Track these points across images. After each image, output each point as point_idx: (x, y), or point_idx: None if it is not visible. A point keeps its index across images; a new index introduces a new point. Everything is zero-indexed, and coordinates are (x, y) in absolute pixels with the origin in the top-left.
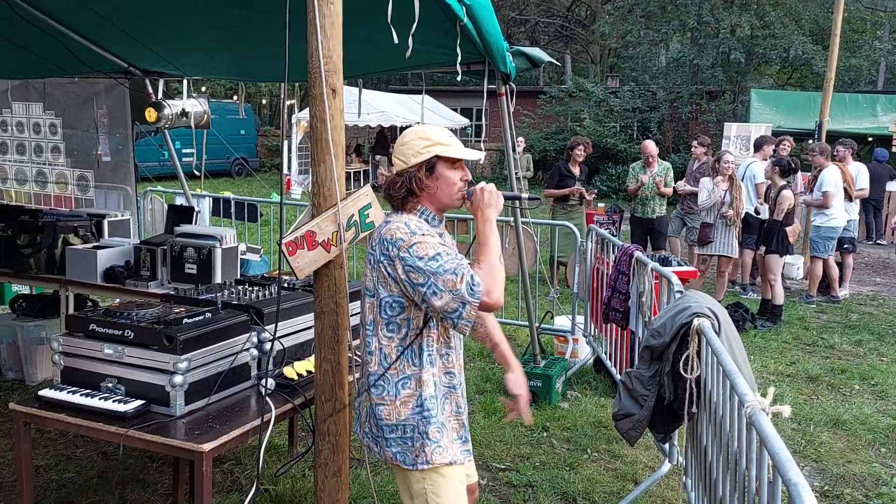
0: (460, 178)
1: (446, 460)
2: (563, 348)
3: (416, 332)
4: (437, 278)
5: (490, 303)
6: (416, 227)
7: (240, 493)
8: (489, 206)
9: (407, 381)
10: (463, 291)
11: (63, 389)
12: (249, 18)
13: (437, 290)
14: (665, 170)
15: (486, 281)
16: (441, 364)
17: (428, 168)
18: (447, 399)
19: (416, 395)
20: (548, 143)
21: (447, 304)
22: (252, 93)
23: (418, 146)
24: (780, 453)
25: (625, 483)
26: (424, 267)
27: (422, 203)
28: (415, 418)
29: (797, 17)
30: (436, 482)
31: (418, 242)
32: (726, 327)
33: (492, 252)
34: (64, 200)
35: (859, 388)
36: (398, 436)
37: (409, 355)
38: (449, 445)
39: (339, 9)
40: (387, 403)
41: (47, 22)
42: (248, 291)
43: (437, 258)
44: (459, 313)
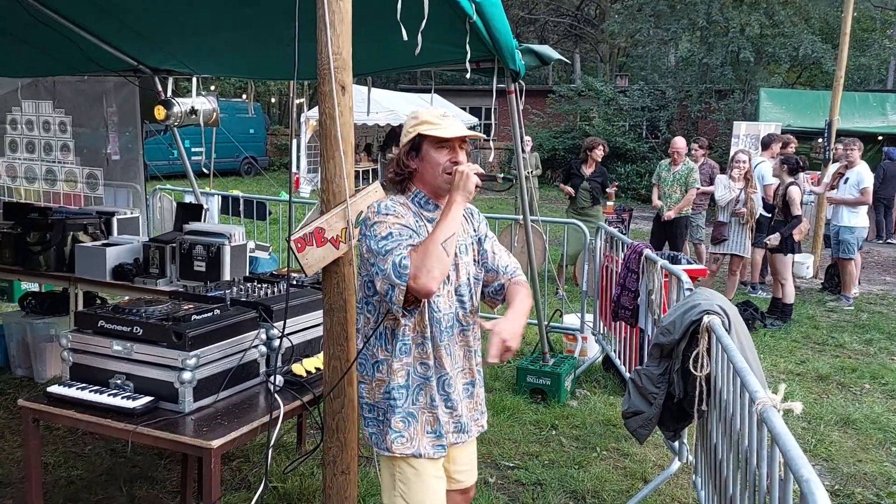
0: (448, 159)
1: (408, 451)
2: (573, 346)
3: (382, 316)
4: (379, 258)
5: (416, 287)
6: (386, 207)
7: (248, 491)
8: (455, 189)
9: (379, 364)
10: (390, 272)
11: (72, 386)
12: (259, 16)
13: (377, 270)
14: (688, 170)
15: (415, 264)
16: (416, 354)
17: (413, 148)
18: (421, 390)
19: (386, 382)
20: (557, 142)
21: (381, 284)
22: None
23: (407, 126)
24: (791, 450)
25: (634, 481)
26: (375, 246)
27: (415, 185)
28: (384, 403)
29: (807, 15)
30: (404, 471)
31: (379, 222)
32: (736, 325)
33: (435, 237)
34: (73, 198)
35: (870, 388)
36: (373, 417)
37: (381, 339)
38: (415, 437)
39: (348, 5)
40: (366, 382)
41: (57, 20)
42: (256, 288)
43: (387, 238)
44: (390, 296)
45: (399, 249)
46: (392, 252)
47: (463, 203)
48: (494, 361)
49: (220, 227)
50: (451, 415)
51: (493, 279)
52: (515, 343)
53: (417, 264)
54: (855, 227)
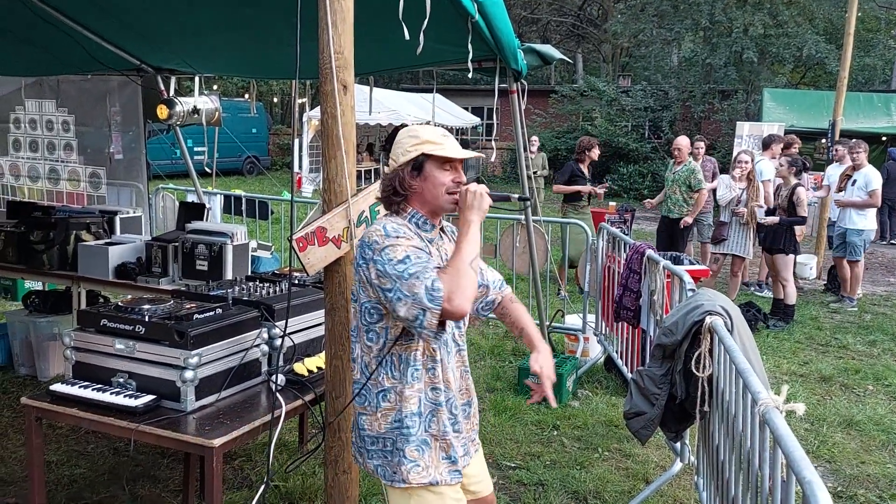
0: (451, 179)
1: (425, 481)
2: (574, 347)
3: (392, 343)
4: (401, 283)
5: (451, 310)
6: (394, 229)
7: (250, 490)
8: (470, 208)
9: (386, 393)
10: (422, 297)
11: (74, 384)
12: (261, 16)
13: (401, 295)
14: (689, 171)
15: (447, 286)
16: (427, 379)
17: (415, 167)
18: (433, 416)
19: (396, 410)
20: (559, 143)
21: (409, 310)
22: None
23: (407, 144)
24: (794, 452)
25: (636, 482)
26: (391, 271)
27: (412, 205)
28: (393, 433)
29: (811, 16)
30: (424, 499)
31: (391, 245)
32: (739, 326)
33: (462, 257)
34: (76, 197)
35: (873, 389)
36: (378, 448)
37: (387, 367)
38: (431, 465)
39: (350, 4)
40: (368, 414)
41: (61, 20)
42: (258, 288)
43: (405, 261)
44: (420, 321)
45: (427, 272)
46: (419, 276)
47: (479, 222)
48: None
49: (223, 227)
50: (458, 437)
51: (484, 294)
52: (548, 367)
53: (451, 286)
54: (863, 230)
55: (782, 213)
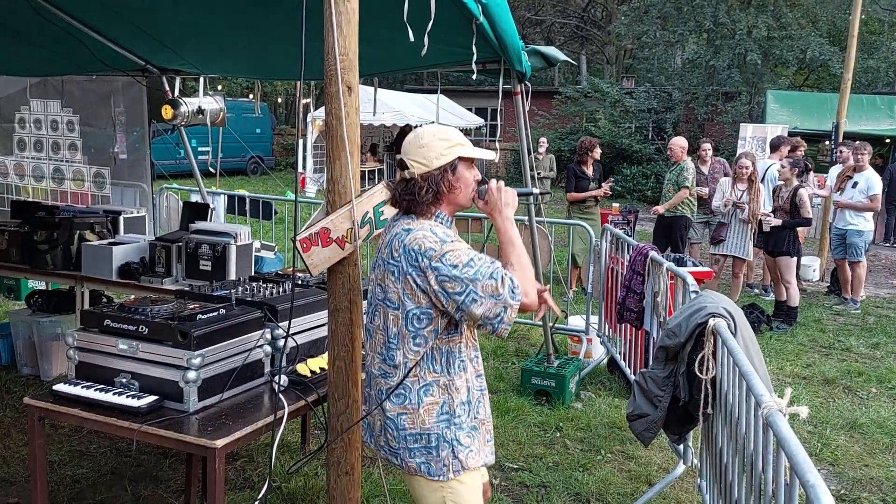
0: (473, 177)
1: (479, 463)
2: (577, 348)
3: (434, 341)
4: (475, 285)
5: (528, 303)
6: (444, 234)
7: (252, 491)
8: (507, 205)
9: (429, 388)
10: (506, 295)
11: (77, 384)
12: (266, 17)
13: (476, 296)
14: (679, 170)
15: (522, 282)
16: (472, 368)
17: (451, 169)
18: (480, 403)
19: (441, 402)
20: (562, 144)
21: (489, 309)
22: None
23: (440, 147)
24: (797, 454)
25: (638, 484)
26: (461, 275)
27: (439, 207)
28: (440, 426)
29: (814, 18)
30: (455, 489)
31: (450, 250)
32: (742, 328)
33: (521, 251)
34: (80, 197)
35: (876, 392)
36: (422, 445)
37: (428, 361)
38: (481, 448)
39: (355, 6)
40: (409, 412)
41: (66, 20)
42: (262, 288)
43: (471, 264)
44: (501, 318)
45: (500, 271)
46: (494, 275)
47: (512, 217)
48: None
49: (226, 227)
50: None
51: None
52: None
53: (524, 281)
54: (863, 231)
55: (784, 215)
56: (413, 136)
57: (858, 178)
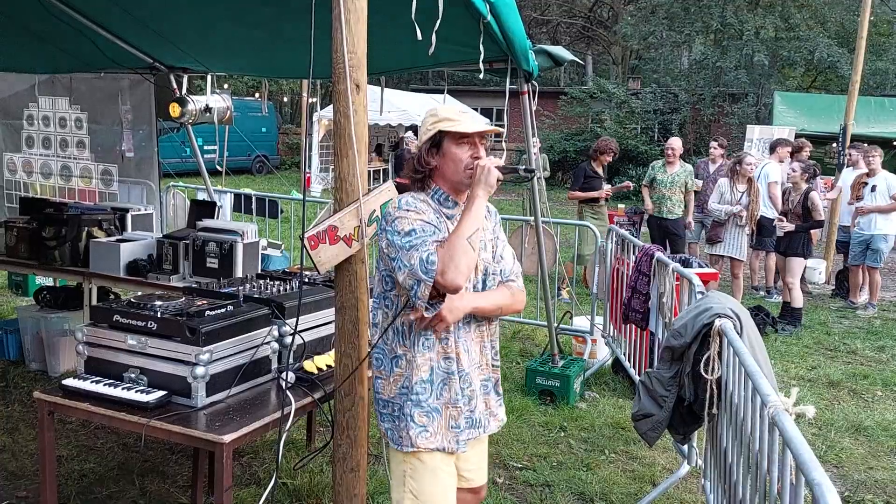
0: (469, 155)
1: (432, 446)
2: (582, 349)
3: (400, 310)
4: (402, 253)
5: (444, 283)
6: (408, 203)
7: (258, 486)
8: (477, 184)
9: (398, 360)
10: (416, 268)
11: (86, 379)
12: (274, 15)
13: (401, 265)
14: (686, 172)
15: (442, 260)
16: (440, 349)
17: (433, 145)
18: (445, 385)
19: (405, 376)
20: (568, 144)
21: (405, 279)
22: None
23: (427, 123)
24: (803, 454)
25: (642, 485)
26: (397, 241)
27: (435, 182)
28: (401, 398)
29: (822, 19)
30: (415, 467)
31: (400, 217)
32: (748, 329)
33: (460, 232)
34: (88, 194)
35: (881, 395)
36: (389, 412)
37: (399, 335)
38: (439, 432)
39: (364, 4)
40: (383, 377)
41: (75, 18)
42: (269, 285)
43: (410, 234)
44: (415, 291)
45: (425, 245)
46: (417, 248)
47: (485, 197)
48: (418, 317)
49: (233, 225)
50: (471, 409)
51: (491, 285)
52: (451, 316)
53: (445, 260)
54: (888, 235)
55: (795, 218)
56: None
57: (876, 182)
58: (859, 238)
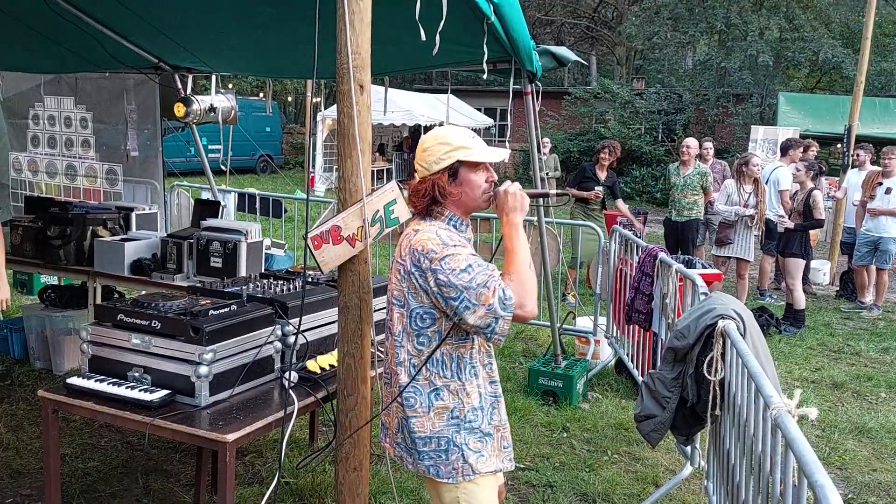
0: (485, 179)
1: (491, 468)
2: (585, 349)
3: (440, 343)
4: (469, 293)
5: (523, 315)
6: (448, 237)
7: (261, 486)
8: (514, 210)
9: (439, 392)
10: (496, 306)
11: (91, 378)
12: (279, 16)
13: (469, 304)
14: (700, 174)
15: (517, 293)
16: (485, 374)
17: (451, 174)
18: (494, 409)
19: (452, 407)
20: (572, 145)
21: (481, 318)
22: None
23: (439, 152)
24: (806, 455)
25: (645, 486)
26: (456, 281)
27: (448, 208)
28: (450, 430)
29: (827, 20)
30: (469, 492)
31: (451, 255)
32: (751, 330)
33: (521, 260)
34: (93, 193)
35: (886, 396)
36: (431, 449)
37: (437, 366)
38: (493, 455)
39: (368, 4)
40: (419, 415)
41: (81, 17)
42: (272, 285)
43: (468, 270)
44: (493, 328)
45: (494, 279)
46: (487, 284)
47: (521, 222)
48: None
49: (237, 224)
50: (505, 429)
51: None
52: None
53: (521, 293)
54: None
55: (798, 217)
56: (422, 139)
57: (892, 184)
58: (867, 238)
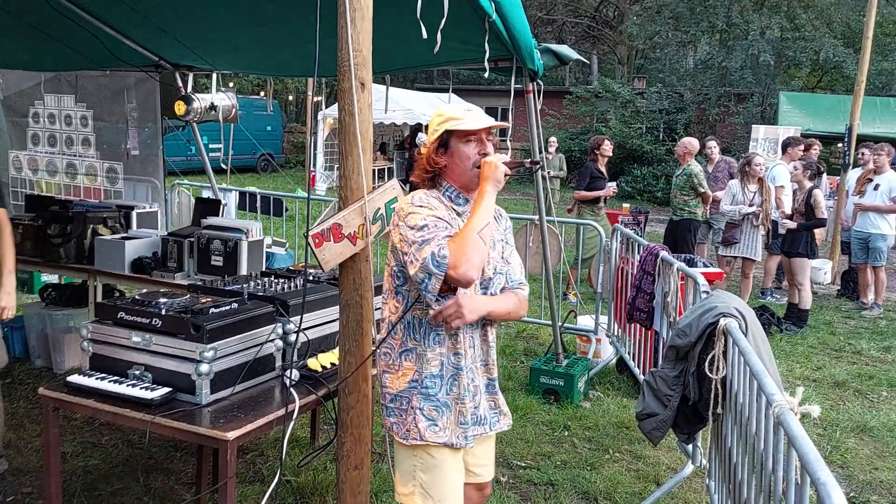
0: (477, 152)
1: (441, 440)
2: (586, 348)
3: (411, 305)
4: (415, 247)
5: (456, 276)
6: (420, 199)
7: (262, 484)
8: (486, 179)
9: (408, 353)
10: (428, 262)
11: (91, 376)
12: (280, 14)
13: (413, 258)
14: (686, 175)
15: (454, 253)
16: (450, 344)
17: (441, 144)
18: (455, 380)
19: (416, 370)
20: (573, 144)
21: (416, 273)
22: (279, 89)
23: (434, 124)
24: (808, 453)
25: (647, 484)
26: (409, 236)
27: (445, 179)
28: (411, 392)
29: (828, 19)
30: (425, 461)
31: (412, 212)
32: (753, 328)
33: (472, 226)
34: (93, 192)
35: (887, 395)
36: (396, 406)
37: (409, 329)
38: (448, 427)
39: (369, 2)
40: (391, 371)
41: (81, 16)
42: (273, 283)
43: (422, 229)
44: (426, 284)
45: (437, 240)
46: (429, 242)
47: (494, 192)
48: (436, 312)
49: (238, 223)
50: (476, 405)
51: (498, 283)
52: (470, 316)
53: (456, 253)
54: (887, 235)
55: (800, 217)
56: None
57: (880, 181)
58: (857, 236)
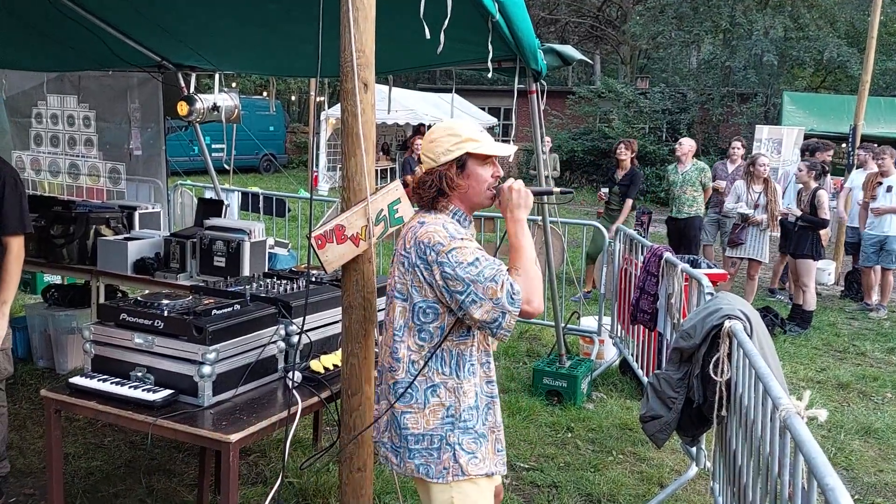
0: (491, 174)
1: (483, 471)
2: (589, 349)
3: (442, 340)
4: (476, 286)
5: (530, 311)
6: (455, 230)
7: (264, 486)
8: (518, 207)
9: (436, 388)
10: (503, 301)
11: (93, 377)
12: (283, 14)
13: (476, 298)
14: (699, 170)
15: (525, 288)
16: (482, 373)
17: (459, 166)
18: (489, 409)
19: (448, 405)
20: (576, 144)
21: (487, 313)
22: (281, 90)
23: (448, 143)
24: (816, 458)
25: (650, 486)
26: (464, 274)
27: (453, 202)
28: (444, 428)
29: (832, 19)
30: (464, 492)
31: (458, 248)
32: (758, 330)
33: (527, 256)
34: (96, 192)
35: (892, 397)
36: (423, 447)
37: (437, 362)
38: (487, 457)
39: (372, 2)
40: (414, 411)
41: (84, 16)
42: (276, 285)
43: (475, 264)
44: (499, 323)
45: (502, 275)
46: (495, 279)
47: (525, 219)
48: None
49: (240, 223)
50: (499, 431)
51: None
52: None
53: (529, 288)
54: None
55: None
56: (429, 130)
57: (891, 182)
58: (873, 239)
